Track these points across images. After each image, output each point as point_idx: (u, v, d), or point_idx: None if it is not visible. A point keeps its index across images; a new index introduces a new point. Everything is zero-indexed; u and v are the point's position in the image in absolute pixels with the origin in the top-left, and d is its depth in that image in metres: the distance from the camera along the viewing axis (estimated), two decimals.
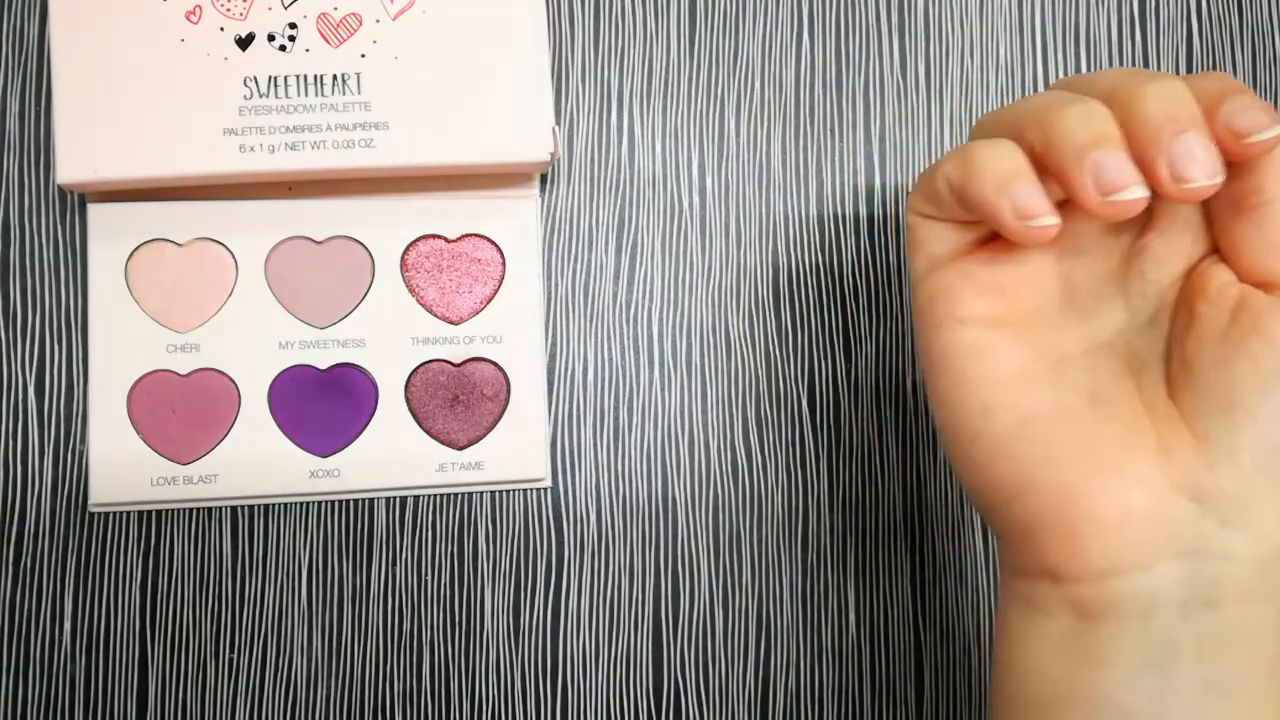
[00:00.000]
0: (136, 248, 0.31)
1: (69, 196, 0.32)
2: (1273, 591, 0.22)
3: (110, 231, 0.31)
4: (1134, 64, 0.36)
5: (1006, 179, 0.22)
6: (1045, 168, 0.22)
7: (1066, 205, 0.23)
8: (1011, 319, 0.24)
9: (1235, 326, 0.22)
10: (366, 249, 0.32)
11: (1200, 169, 0.21)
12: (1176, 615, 0.21)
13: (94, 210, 0.31)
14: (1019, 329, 0.24)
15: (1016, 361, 0.23)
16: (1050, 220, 0.22)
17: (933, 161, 0.35)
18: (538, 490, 0.33)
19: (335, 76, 0.30)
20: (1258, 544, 0.22)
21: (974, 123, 0.34)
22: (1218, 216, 0.23)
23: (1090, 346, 0.25)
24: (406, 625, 0.32)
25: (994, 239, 0.25)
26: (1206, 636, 0.21)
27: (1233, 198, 0.22)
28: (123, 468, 0.31)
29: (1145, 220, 0.24)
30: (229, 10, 0.30)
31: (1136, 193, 0.21)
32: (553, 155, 0.31)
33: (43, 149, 0.32)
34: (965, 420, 0.23)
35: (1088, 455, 0.22)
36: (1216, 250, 0.24)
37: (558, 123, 0.33)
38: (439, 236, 0.32)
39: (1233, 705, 0.21)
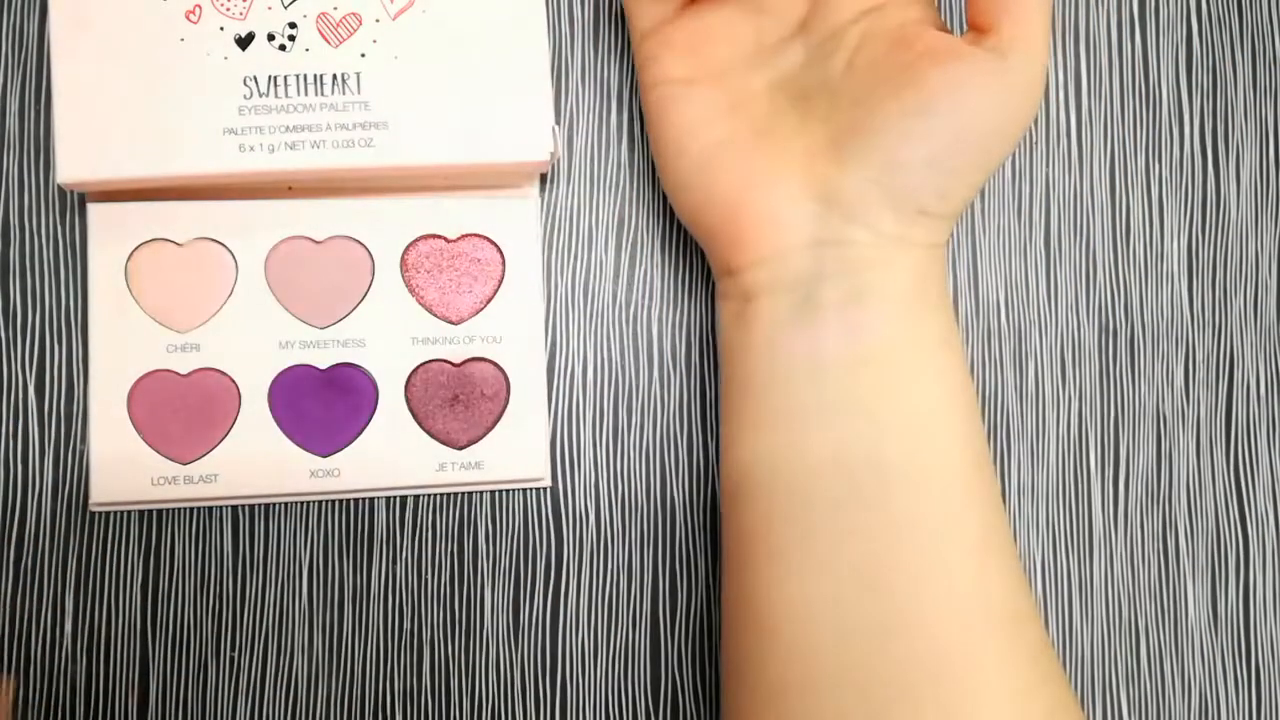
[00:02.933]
0: (136, 248, 0.32)
1: (69, 196, 0.32)
2: (890, 259, 0.28)
3: (110, 231, 0.32)
4: (1134, 64, 0.37)
5: None
6: None
7: None
8: (703, 74, 0.30)
9: (887, 62, 0.27)
10: (366, 249, 0.33)
11: None
12: (809, 285, 0.28)
13: (94, 210, 0.31)
14: (709, 81, 0.30)
15: (702, 110, 0.30)
16: None
17: None
18: (537, 490, 0.33)
19: (335, 76, 0.30)
20: (871, 233, 0.28)
21: None
22: None
23: (768, 86, 0.30)
24: (406, 624, 0.33)
25: (685, 9, 0.31)
26: (838, 293, 0.28)
27: None
28: (123, 467, 0.31)
29: None
30: (229, 10, 0.30)
31: None
32: (553, 155, 0.31)
33: (43, 149, 0.32)
34: (664, 158, 0.31)
35: (745, 175, 0.29)
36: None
37: (557, 122, 0.34)
38: (439, 236, 0.33)
39: (864, 337, 0.28)
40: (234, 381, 0.32)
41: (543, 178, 0.34)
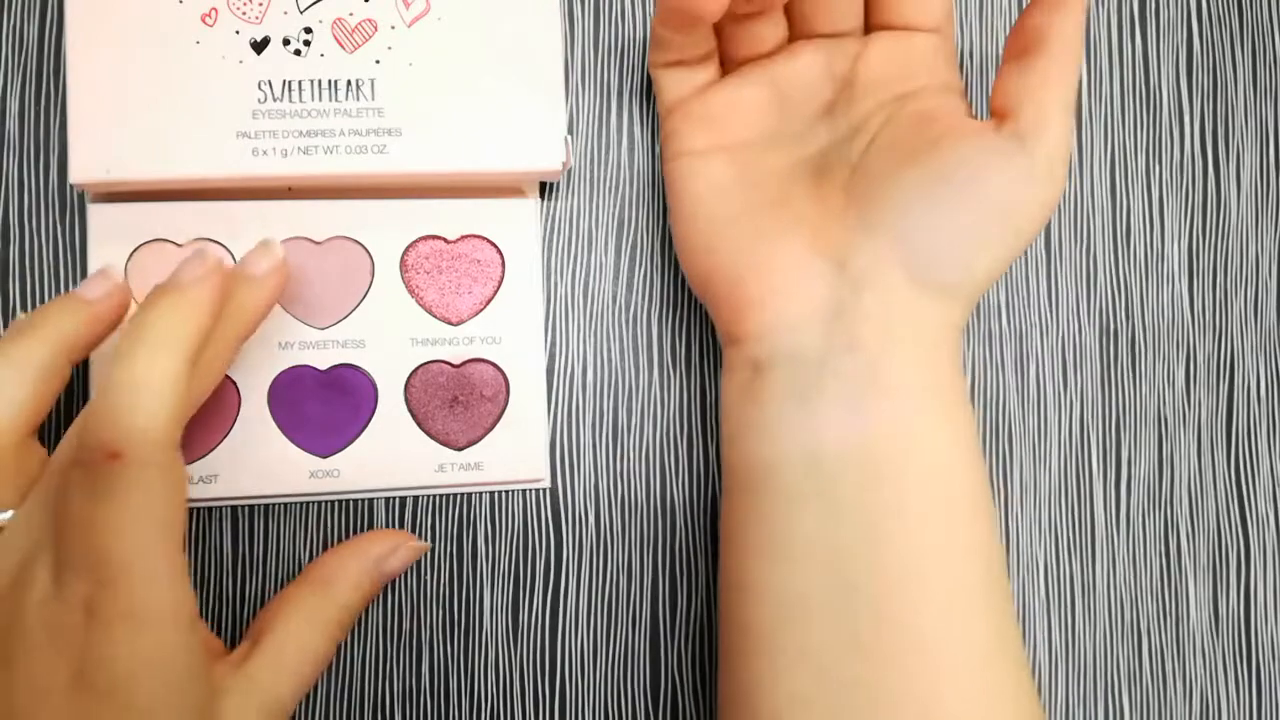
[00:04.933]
0: (136, 248, 0.33)
1: (69, 196, 0.34)
2: (901, 343, 0.28)
3: (110, 231, 0.33)
4: (1134, 65, 0.38)
5: None
6: None
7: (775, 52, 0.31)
8: (723, 147, 0.31)
9: (910, 136, 0.29)
10: (366, 249, 0.34)
11: None
12: (818, 361, 0.28)
13: (94, 210, 0.33)
14: (728, 156, 0.31)
15: (718, 181, 0.31)
16: None
17: None
18: (537, 491, 0.35)
19: (349, 82, 0.32)
20: (883, 305, 0.28)
21: None
22: (1008, 50, 0.29)
23: (788, 163, 0.31)
24: (406, 624, 0.34)
25: (712, 86, 0.32)
26: (845, 373, 0.28)
27: (1023, 40, 0.28)
28: None
29: (859, 54, 0.31)
30: (245, 14, 0.32)
31: None
32: (565, 165, 0.32)
33: (42, 149, 0.34)
34: (678, 226, 0.32)
35: (754, 244, 0.30)
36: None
37: None
38: (438, 237, 0.34)
39: (869, 426, 0.28)
40: (234, 382, 0.33)
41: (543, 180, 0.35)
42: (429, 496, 0.34)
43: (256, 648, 0.28)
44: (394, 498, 0.34)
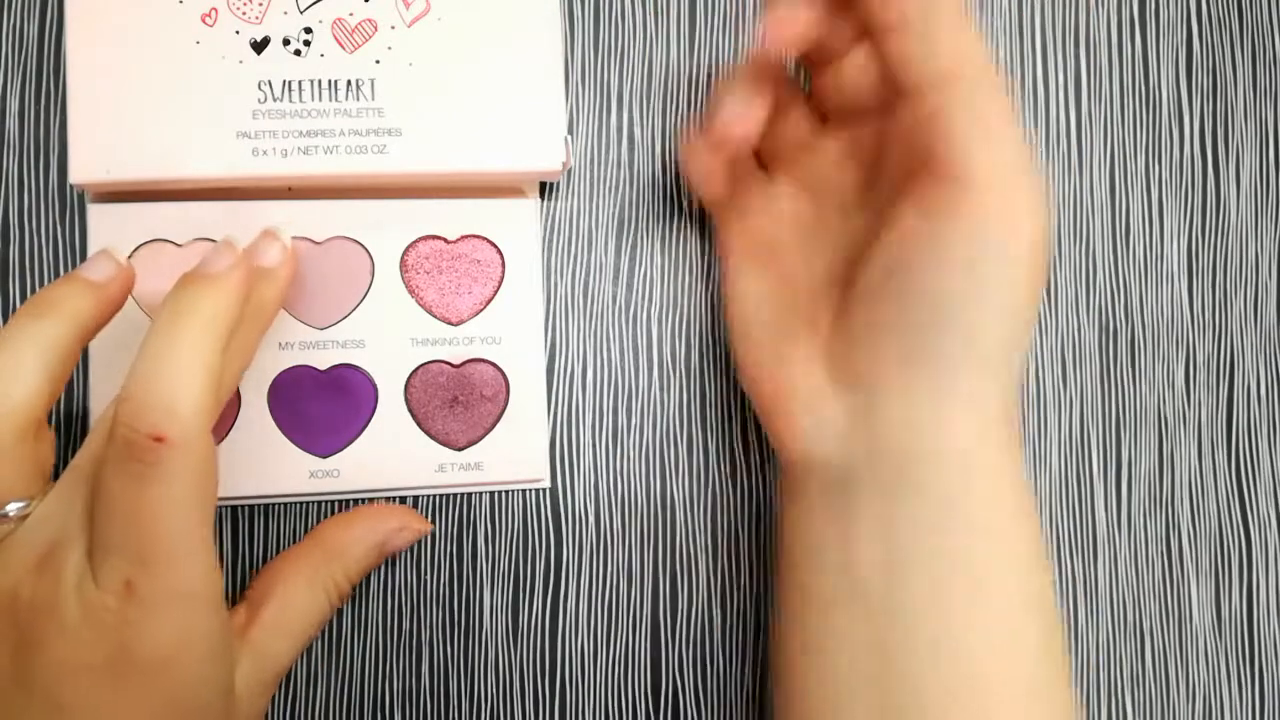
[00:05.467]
0: (136, 248, 0.33)
1: (69, 196, 0.34)
2: (933, 447, 0.27)
3: (110, 231, 0.33)
4: (1134, 65, 0.38)
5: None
6: None
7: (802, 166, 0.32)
8: (757, 249, 0.32)
9: (894, 264, 0.28)
10: (366, 250, 0.34)
11: None
12: (842, 473, 0.28)
13: (94, 210, 0.33)
14: (763, 259, 0.32)
15: (754, 287, 0.32)
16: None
17: None
18: (536, 491, 0.35)
19: (349, 82, 0.32)
20: (905, 409, 0.27)
21: None
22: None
23: (826, 264, 0.31)
24: (406, 624, 0.34)
25: (756, 217, 0.33)
26: (875, 477, 0.27)
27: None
28: None
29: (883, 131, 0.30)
30: (245, 14, 0.32)
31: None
32: (565, 164, 0.33)
33: (42, 149, 0.34)
34: (728, 330, 0.33)
35: (776, 361, 0.31)
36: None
37: None
38: (438, 237, 0.34)
39: (901, 550, 0.27)
40: None
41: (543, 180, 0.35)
42: (429, 496, 0.34)
43: (260, 613, 0.30)
44: (394, 498, 0.34)
